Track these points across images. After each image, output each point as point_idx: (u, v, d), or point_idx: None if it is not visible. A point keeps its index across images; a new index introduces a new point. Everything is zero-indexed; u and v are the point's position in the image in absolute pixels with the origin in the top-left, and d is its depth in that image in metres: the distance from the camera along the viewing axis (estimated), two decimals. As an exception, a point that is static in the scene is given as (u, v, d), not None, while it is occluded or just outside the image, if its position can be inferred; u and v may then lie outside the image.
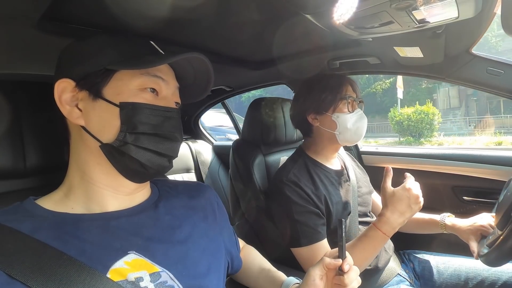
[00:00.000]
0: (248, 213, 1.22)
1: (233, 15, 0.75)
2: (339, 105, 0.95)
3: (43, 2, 0.55)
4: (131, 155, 0.48)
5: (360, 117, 0.97)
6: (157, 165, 0.51)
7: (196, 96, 0.63)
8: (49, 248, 0.42)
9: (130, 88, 0.49)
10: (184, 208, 0.59)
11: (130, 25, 0.70)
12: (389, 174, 0.82)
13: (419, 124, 11.12)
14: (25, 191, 0.60)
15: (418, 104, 12.10)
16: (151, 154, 0.50)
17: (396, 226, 0.78)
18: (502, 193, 0.80)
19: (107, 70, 0.49)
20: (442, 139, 11.65)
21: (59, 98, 0.49)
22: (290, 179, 0.92)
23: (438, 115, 11.31)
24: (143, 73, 0.50)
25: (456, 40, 0.87)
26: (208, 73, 0.57)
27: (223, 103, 1.95)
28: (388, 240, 0.83)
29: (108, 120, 0.48)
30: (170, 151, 0.52)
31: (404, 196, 0.76)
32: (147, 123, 0.49)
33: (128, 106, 0.48)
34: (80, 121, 0.49)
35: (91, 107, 0.49)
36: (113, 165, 0.50)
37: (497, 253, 0.66)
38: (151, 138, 0.50)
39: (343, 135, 0.96)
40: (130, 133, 0.48)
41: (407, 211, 0.76)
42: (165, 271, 0.48)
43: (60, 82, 0.49)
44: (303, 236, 0.87)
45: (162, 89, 0.53)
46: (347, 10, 0.65)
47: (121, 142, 0.48)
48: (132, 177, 0.52)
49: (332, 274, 0.57)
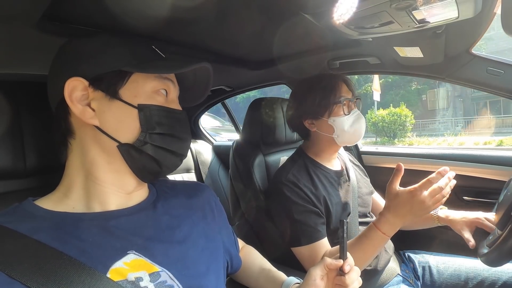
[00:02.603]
0: (248, 213, 1.21)
1: (233, 15, 0.75)
2: (334, 108, 0.94)
3: (43, 2, 0.55)
4: (150, 154, 0.51)
5: (357, 117, 0.96)
6: (171, 164, 0.55)
7: (195, 100, 0.65)
8: (49, 248, 0.42)
9: (146, 90, 0.51)
10: (182, 208, 0.59)
11: (130, 25, 0.70)
12: (398, 174, 0.75)
13: (392, 125, 11.88)
14: (25, 191, 0.60)
15: (392, 106, 12.85)
16: (167, 153, 0.53)
17: (396, 227, 0.76)
18: (502, 193, 0.80)
19: (122, 72, 0.50)
20: (413, 139, 12.48)
21: (70, 97, 0.48)
22: (289, 180, 0.92)
23: (411, 117, 12.00)
24: (157, 76, 0.52)
25: (456, 40, 0.87)
26: (208, 78, 0.59)
27: (223, 103, 1.95)
28: (388, 240, 0.81)
29: (127, 121, 0.50)
30: (182, 150, 0.56)
31: (407, 200, 0.71)
32: (164, 124, 0.52)
33: (146, 108, 0.50)
34: (94, 121, 0.49)
35: (107, 107, 0.49)
36: (129, 164, 0.52)
37: (497, 253, 0.66)
38: (167, 138, 0.52)
39: (341, 138, 0.95)
40: (150, 133, 0.50)
41: (407, 215, 0.72)
42: (164, 271, 0.48)
43: (71, 81, 0.48)
44: (303, 235, 0.87)
45: (171, 91, 0.55)
46: (347, 10, 0.65)
47: (141, 142, 0.50)
48: (145, 176, 0.54)
49: (333, 275, 0.57)
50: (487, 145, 9.77)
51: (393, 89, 17.94)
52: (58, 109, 0.51)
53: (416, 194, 0.70)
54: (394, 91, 17.78)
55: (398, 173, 0.74)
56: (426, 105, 17.51)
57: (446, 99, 17.09)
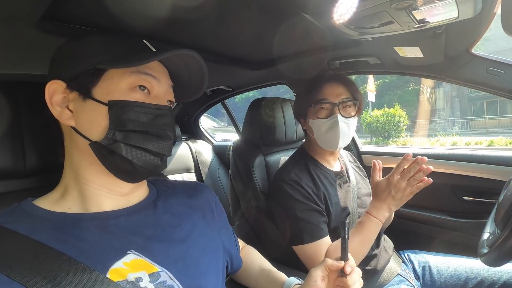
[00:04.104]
0: (248, 213, 1.21)
1: (233, 15, 0.75)
2: (312, 110, 0.95)
3: (43, 2, 0.55)
4: (120, 153, 0.47)
5: (333, 124, 0.91)
6: (148, 164, 0.50)
7: (192, 95, 0.63)
8: (48, 248, 0.42)
9: (120, 87, 0.48)
10: (183, 207, 0.59)
11: (130, 25, 0.70)
12: (375, 169, 0.88)
13: (386, 125, 12.01)
14: (25, 191, 0.60)
15: (386, 106, 12.99)
16: (141, 152, 0.49)
17: (384, 211, 0.85)
18: (502, 193, 0.80)
19: (97, 70, 0.48)
20: (407, 140, 12.71)
21: (50, 100, 0.48)
22: (292, 179, 0.93)
23: (405, 117, 12.14)
24: (134, 72, 0.49)
25: (456, 40, 0.87)
26: (202, 70, 0.56)
27: (223, 103, 1.95)
28: (381, 226, 0.86)
29: (97, 119, 0.48)
30: (161, 149, 0.51)
31: (386, 186, 0.83)
32: (137, 120, 0.48)
33: (116, 104, 0.47)
34: (71, 122, 0.48)
35: (81, 107, 0.48)
36: (104, 164, 0.49)
37: (497, 253, 0.66)
38: (141, 136, 0.48)
39: (320, 141, 0.98)
40: (119, 130, 0.47)
41: (388, 198, 0.83)
42: (164, 271, 0.48)
43: (51, 84, 0.48)
44: (306, 233, 0.87)
45: (154, 87, 0.52)
46: (347, 10, 0.65)
47: (110, 140, 0.47)
48: (124, 177, 0.51)
49: (334, 276, 0.57)
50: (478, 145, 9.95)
51: (391, 90, 18.00)
52: (50, 111, 0.51)
53: (390, 179, 0.82)
54: (392, 91, 17.84)
55: (375, 169, 0.88)
56: (423, 105, 17.53)
57: (444, 99, 17.16)
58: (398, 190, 0.81)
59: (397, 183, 0.81)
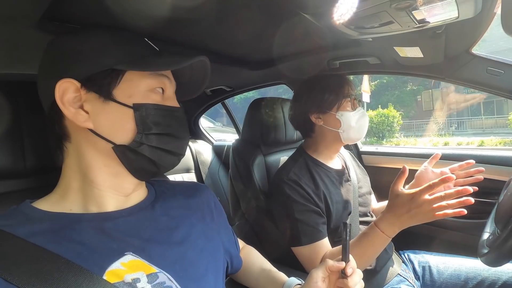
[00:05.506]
0: (248, 213, 1.21)
1: (233, 15, 0.75)
2: (343, 103, 0.97)
3: (43, 2, 0.55)
4: (146, 155, 0.49)
5: (363, 115, 0.99)
6: (169, 164, 0.53)
7: (190, 94, 0.63)
8: (46, 251, 0.42)
9: (140, 89, 0.49)
10: (181, 209, 0.59)
11: (130, 25, 0.70)
12: (402, 176, 0.74)
13: (380, 126, 12.11)
14: (25, 191, 0.60)
15: (380, 107, 13.17)
16: (164, 153, 0.51)
17: (395, 227, 0.75)
18: (502, 193, 0.80)
19: (114, 71, 0.47)
20: (401, 140, 12.84)
21: (61, 99, 0.46)
22: (291, 178, 0.93)
23: (398, 118, 12.24)
24: (152, 74, 0.50)
25: (456, 40, 0.87)
26: (204, 72, 0.58)
27: (223, 103, 1.95)
28: (388, 242, 0.79)
29: (122, 122, 0.48)
30: (180, 149, 0.54)
31: (406, 202, 0.70)
32: (160, 123, 0.50)
33: (141, 107, 0.48)
34: (88, 124, 0.47)
35: (101, 109, 0.47)
36: (125, 165, 0.50)
37: (497, 253, 0.66)
38: (164, 138, 0.51)
39: (346, 133, 0.97)
40: (146, 134, 0.49)
41: (405, 216, 0.71)
42: (162, 272, 0.48)
43: (62, 82, 0.46)
44: (304, 234, 0.87)
45: (167, 88, 0.53)
46: (347, 10, 0.65)
47: (137, 143, 0.48)
48: (142, 176, 0.53)
49: (334, 277, 0.57)
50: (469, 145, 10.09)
51: (389, 90, 18.07)
52: (51, 112, 0.49)
53: (415, 197, 0.69)
54: (390, 91, 17.89)
55: (402, 175, 0.74)
56: (421, 106, 17.72)
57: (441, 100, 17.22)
58: (420, 212, 0.68)
59: (423, 203, 0.67)
